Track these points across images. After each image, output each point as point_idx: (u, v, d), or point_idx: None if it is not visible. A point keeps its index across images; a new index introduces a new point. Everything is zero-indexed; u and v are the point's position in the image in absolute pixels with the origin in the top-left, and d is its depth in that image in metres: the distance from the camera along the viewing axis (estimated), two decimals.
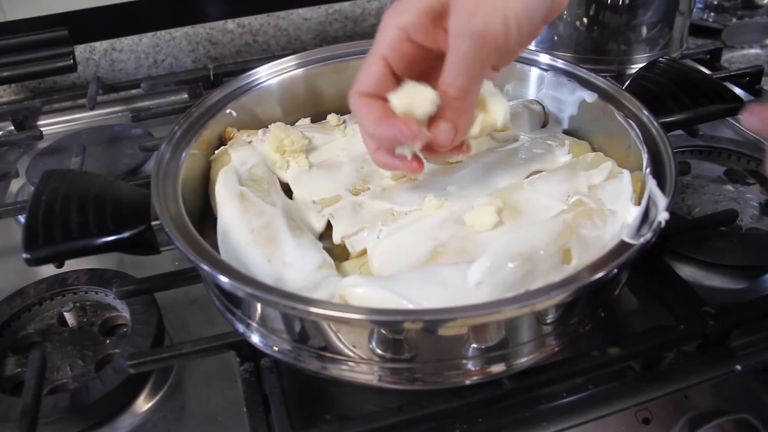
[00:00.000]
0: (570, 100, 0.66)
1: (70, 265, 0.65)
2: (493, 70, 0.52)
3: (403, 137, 0.48)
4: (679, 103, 0.66)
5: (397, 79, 0.50)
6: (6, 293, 0.65)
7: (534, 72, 0.70)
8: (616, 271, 0.44)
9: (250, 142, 0.64)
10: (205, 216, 0.60)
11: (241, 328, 0.52)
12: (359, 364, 0.48)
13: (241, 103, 0.67)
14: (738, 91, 0.92)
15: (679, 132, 0.81)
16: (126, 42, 1.08)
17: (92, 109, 0.99)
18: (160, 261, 0.67)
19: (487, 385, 0.51)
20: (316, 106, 0.72)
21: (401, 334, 0.46)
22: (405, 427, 0.50)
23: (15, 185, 0.89)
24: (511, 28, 0.45)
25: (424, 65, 0.50)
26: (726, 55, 1.08)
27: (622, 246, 0.46)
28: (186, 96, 1.06)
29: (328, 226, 0.58)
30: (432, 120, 0.49)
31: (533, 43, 0.97)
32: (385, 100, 0.49)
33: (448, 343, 0.48)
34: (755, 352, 0.58)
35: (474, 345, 0.47)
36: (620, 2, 0.90)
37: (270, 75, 0.70)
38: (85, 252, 0.51)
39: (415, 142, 0.50)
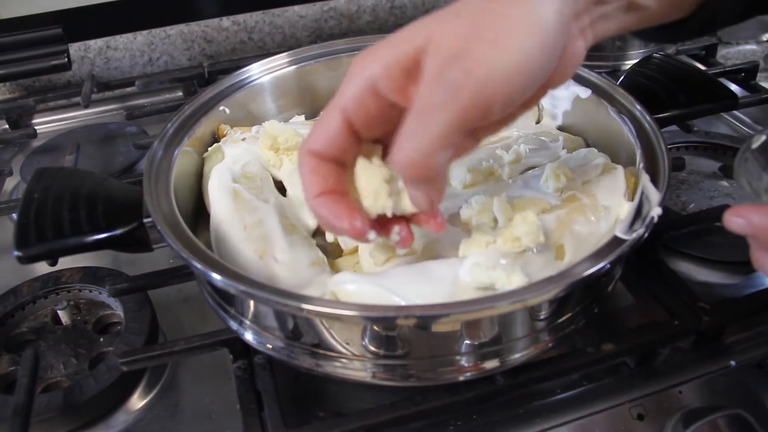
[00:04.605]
0: (564, 95, 0.66)
1: (64, 263, 0.64)
2: (473, 140, 0.44)
3: (342, 231, 0.43)
4: (674, 98, 0.66)
5: (358, 138, 0.43)
6: (0, 291, 0.65)
7: None
8: (608, 266, 0.44)
9: (243, 140, 0.64)
10: (198, 213, 0.60)
11: (234, 325, 0.52)
12: (352, 360, 0.48)
13: (234, 100, 0.67)
14: (733, 87, 0.93)
15: (674, 128, 0.81)
16: (121, 40, 1.08)
17: (87, 107, 0.99)
18: (156, 258, 0.66)
19: (480, 382, 0.51)
20: (309, 103, 0.72)
21: (394, 331, 0.46)
22: (399, 423, 0.50)
23: (9, 184, 0.89)
24: (500, 84, 0.37)
25: (391, 124, 0.41)
26: (721, 51, 1.08)
27: (615, 241, 0.46)
28: (181, 94, 1.06)
29: None
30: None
31: None
32: (337, 163, 0.43)
33: (442, 339, 0.48)
34: (749, 348, 0.58)
35: (467, 341, 0.47)
36: None
37: (263, 72, 0.69)
38: (77, 249, 0.51)
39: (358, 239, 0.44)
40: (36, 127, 0.98)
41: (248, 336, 0.51)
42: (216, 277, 0.44)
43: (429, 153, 0.38)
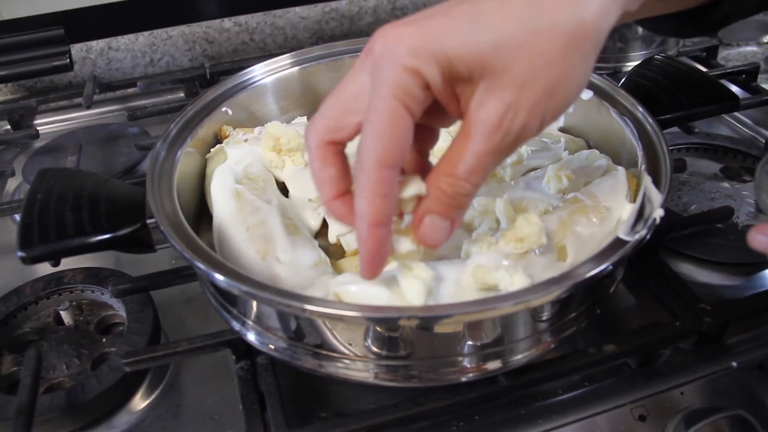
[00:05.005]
0: None
1: (67, 263, 0.65)
2: None
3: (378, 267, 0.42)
4: (675, 100, 0.66)
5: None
6: (2, 292, 0.65)
7: None
8: (611, 267, 0.44)
9: (245, 141, 0.64)
10: (201, 214, 0.60)
11: (236, 326, 0.52)
12: (355, 361, 0.48)
13: (236, 101, 0.67)
14: (734, 88, 0.93)
15: (675, 129, 0.82)
16: (122, 41, 1.08)
17: (88, 108, 1.00)
18: (158, 259, 0.67)
19: (483, 382, 0.51)
20: (311, 104, 0.72)
21: (396, 332, 0.46)
22: (401, 424, 0.50)
23: (12, 184, 0.89)
24: (543, 127, 0.39)
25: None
26: (722, 53, 1.08)
27: (617, 243, 0.46)
28: (182, 95, 1.06)
29: (324, 224, 0.58)
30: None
31: None
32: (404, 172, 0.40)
33: (444, 340, 0.48)
34: (751, 349, 0.58)
35: (470, 342, 0.47)
36: None
37: (265, 73, 0.70)
38: (80, 250, 0.51)
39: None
40: (38, 128, 0.98)
41: (251, 337, 0.52)
42: (219, 277, 0.44)
43: (481, 184, 0.40)
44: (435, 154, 0.62)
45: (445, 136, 0.61)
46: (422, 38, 0.36)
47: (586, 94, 0.64)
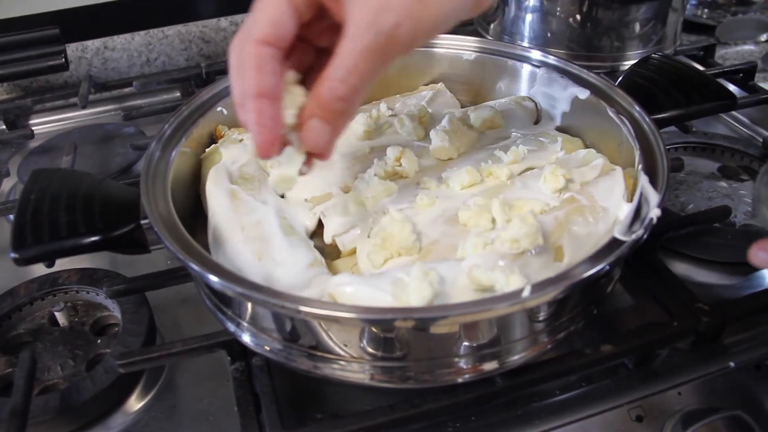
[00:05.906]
0: (562, 96, 0.66)
1: (62, 264, 0.64)
2: None
3: (262, 143, 0.42)
4: (672, 99, 0.66)
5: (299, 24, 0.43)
6: None
7: (526, 69, 0.70)
8: (607, 267, 0.44)
9: (241, 140, 0.64)
10: (196, 214, 0.60)
11: (231, 327, 0.52)
12: (350, 362, 0.48)
13: (232, 100, 0.66)
14: (731, 87, 0.93)
15: (673, 128, 0.81)
16: (118, 40, 1.08)
17: (84, 108, 0.99)
18: (153, 260, 0.66)
19: (479, 383, 0.50)
20: None
21: (392, 333, 0.46)
22: (397, 425, 0.49)
23: (6, 185, 0.89)
24: (418, 37, 0.40)
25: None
26: (719, 52, 1.08)
27: (614, 243, 0.46)
28: (178, 94, 1.06)
29: (320, 225, 0.58)
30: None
31: (526, 39, 0.97)
32: (282, 56, 0.42)
33: (440, 341, 0.48)
34: (748, 349, 0.58)
35: (466, 343, 0.47)
36: None
37: None
38: (74, 251, 0.51)
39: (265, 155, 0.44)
40: (33, 128, 0.97)
41: (246, 338, 0.51)
42: (213, 279, 0.44)
43: (360, 89, 0.41)
44: (432, 155, 0.62)
45: (442, 135, 0.61)
46: None
47: (583, 93, 0.63)
